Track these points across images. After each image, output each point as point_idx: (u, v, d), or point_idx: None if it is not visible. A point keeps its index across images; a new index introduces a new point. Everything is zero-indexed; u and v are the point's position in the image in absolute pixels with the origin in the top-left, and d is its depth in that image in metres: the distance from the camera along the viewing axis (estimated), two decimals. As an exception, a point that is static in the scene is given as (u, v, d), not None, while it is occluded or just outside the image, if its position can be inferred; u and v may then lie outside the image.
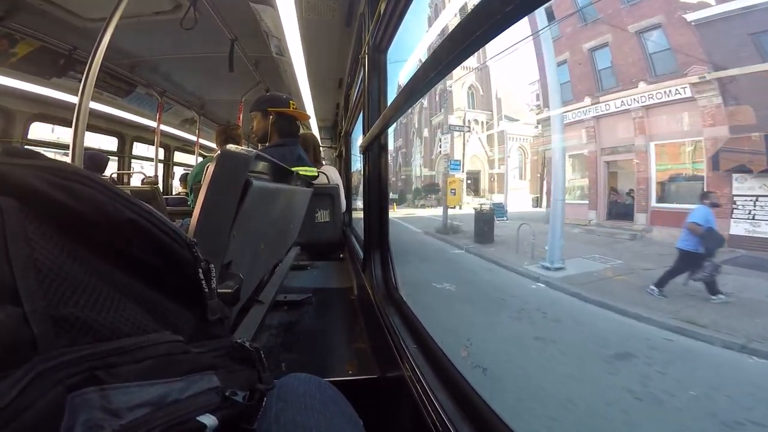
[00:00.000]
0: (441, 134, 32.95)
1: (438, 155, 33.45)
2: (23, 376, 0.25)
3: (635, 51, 10.98)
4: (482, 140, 31.59)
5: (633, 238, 10.17)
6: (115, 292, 0.35)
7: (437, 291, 7.84)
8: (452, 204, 20.80)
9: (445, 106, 33.32)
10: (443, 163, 31.60)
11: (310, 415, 0.49)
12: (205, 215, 0.70)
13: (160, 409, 0.32)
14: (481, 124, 31.79)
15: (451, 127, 30.24)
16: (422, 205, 31.42)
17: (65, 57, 3.34)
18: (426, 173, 35.58)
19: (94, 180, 0.36)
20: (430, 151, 35.52)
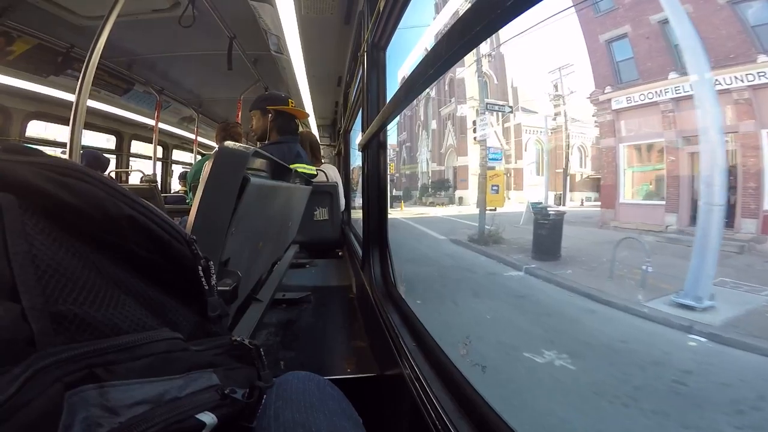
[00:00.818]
0: (477, 115, 26.59)
1: (448, 149, 31.51)
2: (21, 372, 0.24)
3: (731, 22, 8.49)
4: (498, 133, 27.99)
5: (742, 251, 7.62)
6: (113, 288, 0.34)
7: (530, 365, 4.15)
8: (494, 204, 18.29)
9: (455, 96, 30.63)
10: (455, 157, 30.31)
11: (309, 413, 0.48)
12: (202, 212, 0.70)
13: (159, 406, 0.31)
14: (496, 116, 28.08)
15: (489, 106, 24.16)
16: (432, 203, 29.54)
17: (63, 55, 3.33)
18: (435, 168, 33.23)
19: (92, 176, 0.36)
20: (438, 144, 33.11)
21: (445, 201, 28.75)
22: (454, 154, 31.12)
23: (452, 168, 31.15)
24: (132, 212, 0.37)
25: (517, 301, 6.45)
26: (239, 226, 0.80)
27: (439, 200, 30.07)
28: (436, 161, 33.21)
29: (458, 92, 30.34)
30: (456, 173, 30.27)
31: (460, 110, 30.46)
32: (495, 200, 18.71)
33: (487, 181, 17.49)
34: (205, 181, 0.70)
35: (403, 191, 34.46)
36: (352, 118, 3.98)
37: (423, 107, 35.36)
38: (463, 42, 0.57)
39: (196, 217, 0.69)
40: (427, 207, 28.74)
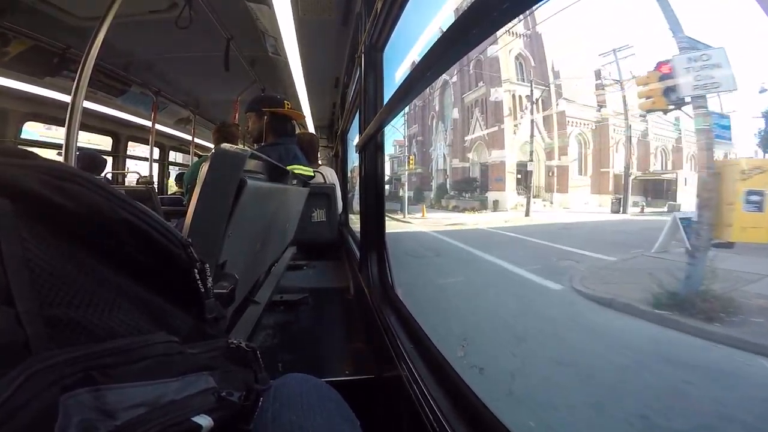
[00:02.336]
0: (478, 113, 24.53)
1: (474, 142, 25.86)
2: (16, 376, 0.24)
3: None
4: (537, 123, 23.50)
5: None
6: (109, 292, 0.34)
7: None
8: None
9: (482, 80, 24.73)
10: (484, 151, 24.83)
11: (307, 415, 0.48)
12: (199, 215, 0.69)
13: (156, 409, 0.31)
14: (535, 103, 23.82)
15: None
16: (456, 207, 24.49)
17: (59, 56, 3.31)
18: (456, 165, 27.52)
19: (88, 180, 0.35)
20: (461, 136, 27.45)
21: (475, 205, 23.34)
22: (483, 148, 25.44)
23: (479, 164, 25.84)
24: (128, 216, 0.37)
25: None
26: (236, 228, 0.80)
27: (465, 204, 24.52)
28: (459, 157, 27.59)
29: (490, 74, 24.76)
30: (488, 171, 24.68)
31: (495, 95, 24.53)
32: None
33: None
34: (202, 184, 0.70)
35: (414, 192, 29.34)
36: (350, 120, 3.99)
37: (439, 95, 30.00)
38: (460, 44, 0.58)
39: (193, 220, 0.68)
40: (450, 212, 24.06)
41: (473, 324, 5.25)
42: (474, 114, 26.41)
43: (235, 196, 0.74)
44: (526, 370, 3.73)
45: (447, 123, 29.17)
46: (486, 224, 17.48)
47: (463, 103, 27.37)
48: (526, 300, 6.56)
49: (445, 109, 29.67)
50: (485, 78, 25.05)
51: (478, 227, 16.87)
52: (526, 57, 24.91)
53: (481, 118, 25.75)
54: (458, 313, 5.67)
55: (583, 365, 4.00)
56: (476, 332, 4.83)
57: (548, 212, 20.22)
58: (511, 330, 5.10)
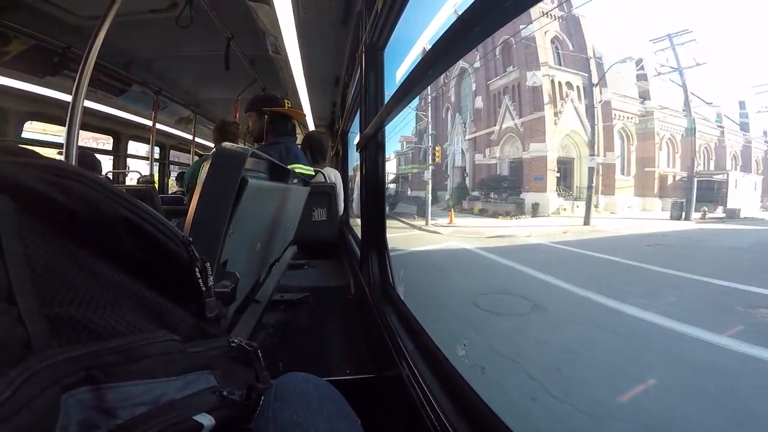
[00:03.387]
0: (508, 101, 20.92)
1: (503, 134, 22.32)
2: (17, 375, 0.24)
3: None
4: (579, 113, 20.01)
5: None
6: (110, 290, 0.34)
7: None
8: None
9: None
10: (518, 144, 21.36)
11: (308, 414, 0.48)
12: (200, 214, 0.69)
13: (157, 408, 0.31)
14: (576, 90, 20.20)
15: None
16: (482, 211, 20.69)
17: (59, 55, 3.31)
18: (481, 161, 23.78)
19: (89, 178, 0.35)
20: (485, 128, 23.87)
21: (509, 209, 19.24)
22: (515, 141, 21.91)
23: (508, 160, 22.31)
24: (128, 214, 0.37)
25: None
26: (237, 227, 0.80)
27: (495, 207, 20.34)
28: (483, 152, 23.80)
29: (525, 57, 21.12)
30: (523, 168, 20.95)
31: (532, 79, 20.53)
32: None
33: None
34: (203, 182, 0.70)
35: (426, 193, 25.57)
36: (350, 119, 3.98)
37: (455, 85, 26.74)
38: (462, 42, 0.57)
39: (194, 219, 0.68)
40: (477, 217, 19.99)
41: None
42: (503, 102, 22.55)
43: (236, 195, 0.74)
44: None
45: (466, 114, 25.78)
46: (540, 236, 14.17)
47: (488, 90, 23.80)
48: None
49: (462, 100, 26.37)
50: (520, 61, 21.43)
51: (535, 241, 13.39)
52: (562, 41, 21.39)
53: (513, 106, 21.84)
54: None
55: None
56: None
57: (598, 218, 16.75)
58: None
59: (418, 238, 15.15)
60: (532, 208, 19.55)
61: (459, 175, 25.81)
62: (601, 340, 5.04)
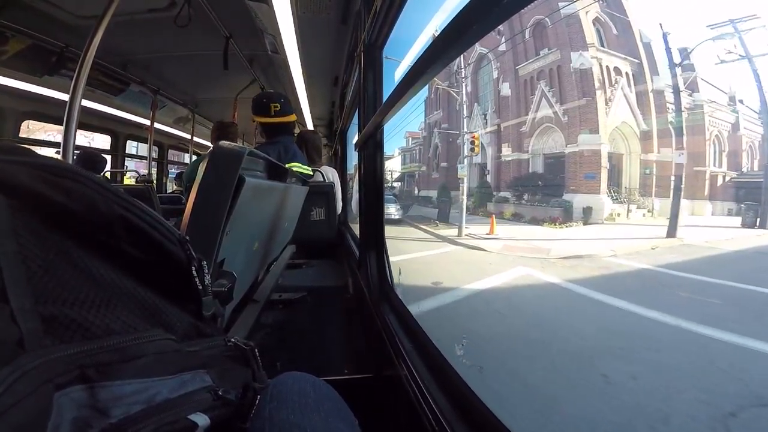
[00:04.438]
0: (545, 86, 17.93)
1: (538, 125, 19.04)
2: (10, 373, 0.24)
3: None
4: (630, 102, 17.03)
5: None
6: (105, 289, 0.34)
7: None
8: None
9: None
10: (557, 137, 18.18)
11: (305, 414, 0.48)
12: (197, 212, 0.69)
13: (151, 407, 0.31)
14: (625, 77, 17.39)
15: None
16: (517, 216, 17.26)
17: (57, 54, 3.30)
18: (509, 156, 20.04)
19: (85, 176, 0.35)
20: (514, 118, 20.42)
21: (554, 214, 15.89)
22: (555, 133, 18.60)
23: (543, 155, 19.10)
24: (124, 213, 0.37)
25: None
26: (235, 226, 0.80)
27: (533, 211, 17.03)
28: (513, 146, 20.38)
29: (569, 36, 18.06)
30: (566, 164, 17.64)
31: (578, 61, 17.39)
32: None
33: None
34: (200, 181, 0.70)
35: (440, 193, 22.96)
36: (349, 118, 3.98)
37: (472, 73, 23.13)
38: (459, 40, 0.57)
39: (191, 218, 0.68)
40: (511, 222, 16.78)
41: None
42: (537, 88, 19.21)
43: (233, 193, 0.74)
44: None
45: (486, 104, 22.27)
46: (627, 254, 10.58)
47: (517, 75, 20.39)
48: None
49: (481, 89, 22.91)
50: (560, 41, 18.48)
51: (637, 265, 9.47)
52: (604, 23, 18.33)
53: (551, 92, 18.69)
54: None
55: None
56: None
57: (662, 226, 13.31)
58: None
59: (458, 259, 11.10)
60: (583, 213, 15.82)
61: (478, 173, 22.26)
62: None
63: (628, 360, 4.60)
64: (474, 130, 21.73)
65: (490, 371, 3.85)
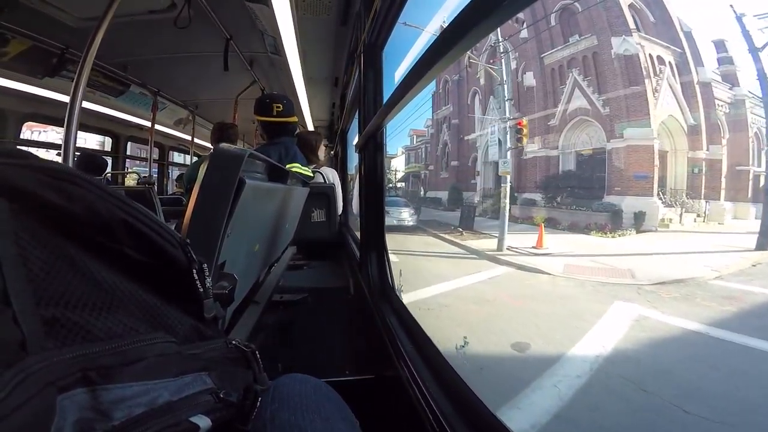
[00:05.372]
0: (577, 75, 15.80)
1: (570, 118, 16.68)
2: (13, 376, 0.24)
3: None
4: (676, 94, 14.93)
5: None
6: (107, 292, 0.34)
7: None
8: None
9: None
10: (595, 130, 15.87)
11: (306, 415, 0.48)
12: (197, 215, 0.69)
13: (153, 410, 0.31)
14: (669, 66, 15.35)
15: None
16: (552, 222, 14.38)
17: (57, 56, 3.31)
18: (534, 153, 17.73)
19: (85, 180, 0.35)
20: (540, 111, 17.97)
21: (601, 220, 13.42)
22: (592, 126, 16.44)
23: (575, 152, 16.85)
24: (125, 216, 0.37)
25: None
26: (235, 228, 0.80)
27: (572, 217, 14.44)
28: (540, 141, 18.14)
29: (607, 20, 16.06)
30: (613, 161, 15.28)
31: (623, 46, 15.48)
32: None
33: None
34: (201, 183, 0.70)
35: (450, 194, 21.38)
36: (349, 119, 3.99)
37: (486, 62, 21.18)
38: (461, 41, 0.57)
39: (192, 220, 0.68)
40: (548, 229, 12.72)
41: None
42: (569, 77, 17.01)
43: (234, 195, 0.74)
44: None
45: (503, 97, 18.86)
46: (722, 273, 8.44)
47: (542, 64, 18.38)
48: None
49: (494, 80, 20.47)
50: (597, 26, 16.54)
51: (756, 293, 7.30)
52: (640, 9, 16.42)
53: (585, 82, 16.57)
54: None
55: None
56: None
57: (723, 234, 11.70)
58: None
59: (519, 291, 7.91)
60: (634, 219, 13.28)
61: (494, 172, 19.44)
62: None
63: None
64: (491, 125, 20.07)
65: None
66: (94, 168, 3.33)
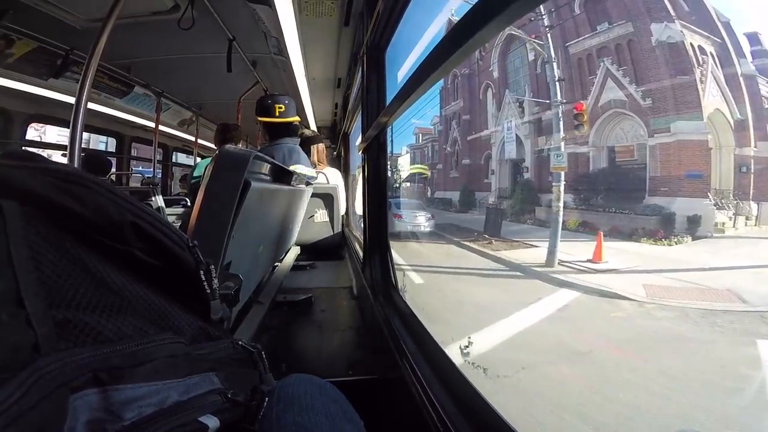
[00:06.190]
0: (610, 64, 14.30)
1: (599, 110, 14.94)
2: (27, 377, 0.25)
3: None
4: (721, 86, 13.23)
5: None
6: (116, 294, 0.35)
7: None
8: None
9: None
10: (619, 125, 14.46)
11: (311, 415, 0.48)
12: (203, 216, 0.70)
13: (163, 410, 0.32)
14: (711, 57, 13.74)
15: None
16: (585, 227, 12.54)
17: (62, 57, 3.33)
18: (574, 150, 15.36)
19: (95, 182, 0.36)
20: (569, 104, 14.67)
21: (650, 225, 11.65)
22: (628, 121, 14.87)
23: (606, 148, 15.16)
24: (135, 219, 0.37)
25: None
26: (240, 229, 0.80)
27: (613, 220, 12.44)
28: (572, 135, 15.27)
29: (645, 5, 14.59)
30: (656, 158, 13.30)
31: (665, 33, 13.81)
32: None
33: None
34: (206, 185, 0.70)
35: (462, 196, 19.80)
36: (352, 120, 3.99)
37: (499, 55, 19.76)
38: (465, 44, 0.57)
39: (198, 221, 0.69)
40: (577, 236, 11.87)
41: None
42: (600, 67, 15.54)
43: (239, 197, 0.74)
44: None
45: (519, 91, 18.65)
46: None
47: (567, 54, 16.86)
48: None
49: (513, 74, 19.37)
50: (633, 11, 14.89)
51: None
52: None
53: (620, 72, 15.09)
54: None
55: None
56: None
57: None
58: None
59: (609, 332, 5.73)
60: (687, 223, 11.60)
61: (510, 171, 18.37)
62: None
63: None
64: (507, 120, 18.52)
65: None
66: (98, 168, 3.34)
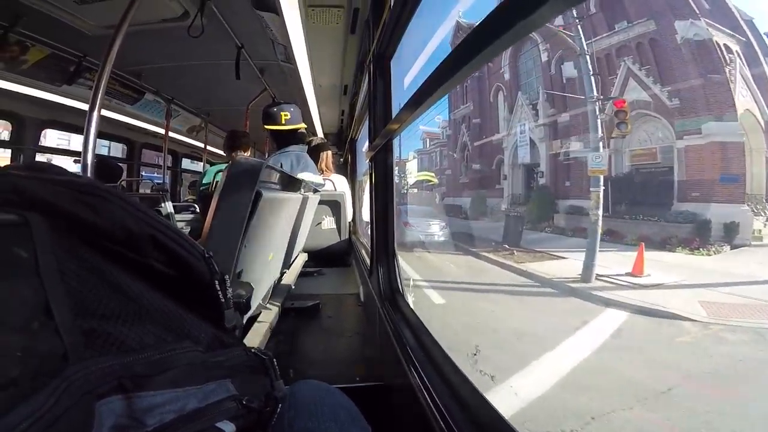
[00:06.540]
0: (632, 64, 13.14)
1: (621, 113, 11.84)
2: (58, 385, 0.26)
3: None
4: (750, 86, 12.39)
5: None
6: (137, 303, 0.36)
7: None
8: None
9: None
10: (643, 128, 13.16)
11: (321, 421, 0.49)
12: (217, 226, 0.71)
13: (183, 416, 0.33)
14: (737, 56, 12.92)
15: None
16: (612, 236, 10.83)
17: (75, 64, 3.38)
18: (578, 153, 15.33)
19: (114, 195, 0.37)
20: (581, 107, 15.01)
21: (684, 233, 10.29)
22: (652, 123, 13.76)
23: (629, 153, 14.02)
24: (153, 231, 0.39)
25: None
26: (252, 238, 0.81)
27: (640, 228, 11.25)
28: (581, 140, 15.55)
29: (668, 3, 13.74)
30: (686, 161, 12.43)
31: (691, 31, 12.99)
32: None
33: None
34: (219, 197, 0.72)
35: (474, 203, 19.12)
36: (359, 128, 4.00)
37: (510, 56, 18.68)
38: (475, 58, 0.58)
39: (211, 231, 0.70)
40: (617, 245, 10.46)
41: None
42: (620, 67, 14.79)
43: (251, 207, 0.76)
44: None
45: (531, 94, 17.90)
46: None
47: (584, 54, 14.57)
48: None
49: (524, 75, 18.82)
50: (655, 8, 13.84)
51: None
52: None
53: (643, 71, 14.28)
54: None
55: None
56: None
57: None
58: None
59: (684, 364, 4.20)
60: (724, 231, 10.65)
61: (524, 176, 17.82)
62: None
63: None
64: (520, 123, 17.65)
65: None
66: (110, 175, 3.38)
